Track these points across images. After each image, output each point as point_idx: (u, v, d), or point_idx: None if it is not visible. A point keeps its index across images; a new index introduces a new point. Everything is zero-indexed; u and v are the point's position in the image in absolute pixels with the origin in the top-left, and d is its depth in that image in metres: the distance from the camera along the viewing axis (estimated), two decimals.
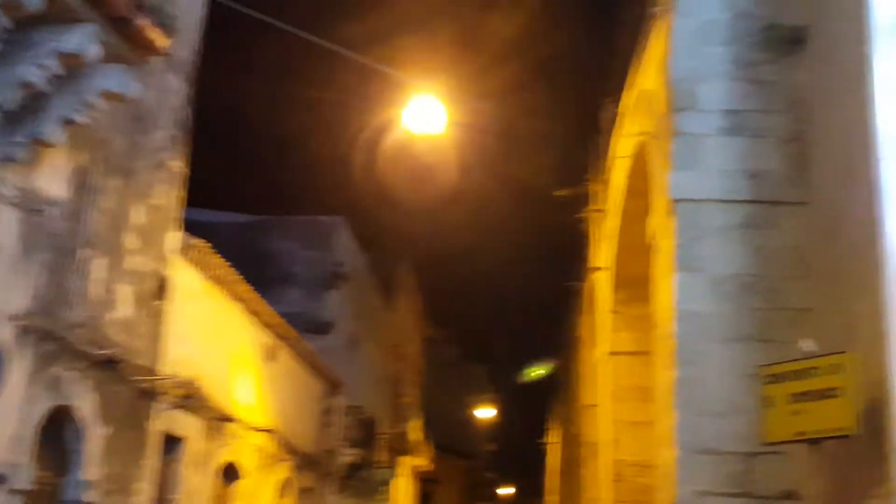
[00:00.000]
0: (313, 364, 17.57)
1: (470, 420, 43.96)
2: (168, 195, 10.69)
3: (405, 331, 29.82)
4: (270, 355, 15.14)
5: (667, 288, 8.84)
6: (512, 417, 45.95)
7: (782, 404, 6.99)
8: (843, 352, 6.66)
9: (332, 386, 18.99)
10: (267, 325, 14.78)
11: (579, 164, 16.41)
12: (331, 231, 20.03)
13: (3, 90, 7.14)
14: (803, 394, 6.84)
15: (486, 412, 44.04)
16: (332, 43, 10.17)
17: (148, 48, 8.03)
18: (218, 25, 11.49)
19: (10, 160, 7.49)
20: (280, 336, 15.46)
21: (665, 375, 8.87)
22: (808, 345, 6.99)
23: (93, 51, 7.45)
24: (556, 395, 33.24)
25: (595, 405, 15.95)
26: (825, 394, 6.67)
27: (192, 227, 11.39)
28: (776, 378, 7.10)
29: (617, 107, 13.19)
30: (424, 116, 10.03)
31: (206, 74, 11.45)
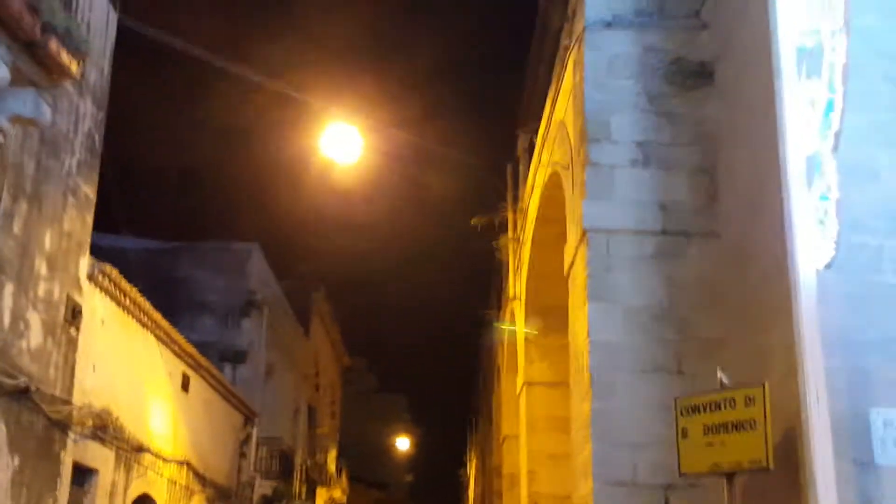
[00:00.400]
0: (228, 394, 17.26)
1: (388, 450, 43.66)
2: (78, 221, 10.44)
3: (322, 360, 29.52)
4: (185, 385, 14.83)
5: (581, 319, 8.90)
6: (430, 448, 45.76)
7: (697, 436, 6.97)
8: (760, 384, 6.66)
9: (248, 416, 18.66)
10: (181, 354, 14.49)
11: (496, 192, 16.65)
12: (244, 258, 19.75)
13: None
14: (719, 425, 6.81)
15: (404, 442, 43.79)
16: (246, 68, 10.16)
17: (59, 72, 7.86)
18: (127, 48, 11.34)
19: None
20: (194, 365, 15.16)
21: (581, 407, 8.89)
22: (722, 376, 6.97)
23: (2, 74, 7.28)
24: (475, 425, 33.29)
25: (515, 436, 16.00)
26: (740, 426, 6.66)
27: (101, 253, 11.13)
28: (692, 410, 7.05)
29: (534, 136, 13.44)
30: (340, 143, 10.09)
31: (116, 98, 11.28)
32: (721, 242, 8.54)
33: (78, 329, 10.38)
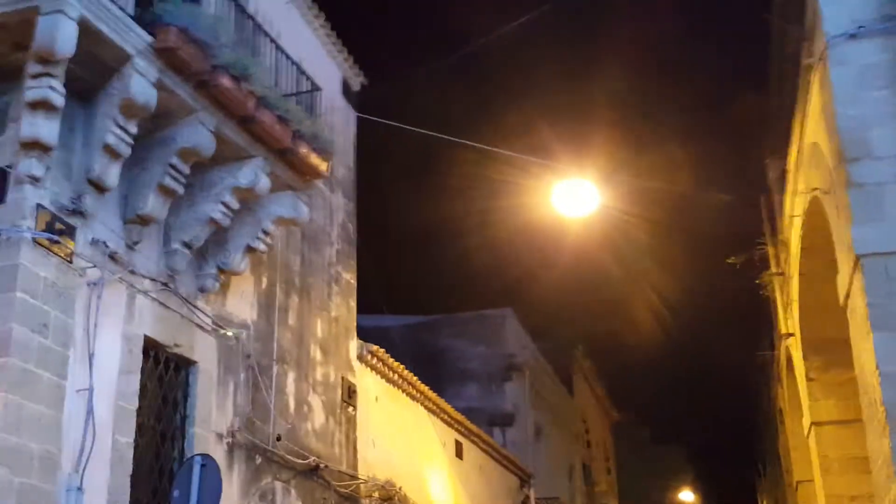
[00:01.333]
0: (501, 457, 17.44)
1: None
2: (343, 306, 11.16)
3: (589, 417, 29.14)
4: (459, 452, 15.19)
5: (867, 350, 8.16)
6: (716, 498, 43.46)
7: None
8: None
9: (523, 478, 18.72)
10: (451, 423, 14.88)
11: (751, 228, 15.75)
12: (500, 323, 20.08)
13: (190, 229, 7.80)
14: None
15: (687, 495, 41.89)
16: (483, 133, 10.44)
17: (310, 173, 8.59)
18: (364, 135, 12.12)
19: (203, 291, 8.15)
20: (465, 432, 15.51)
21: (879, 444, 8.10)
22: None
23: (263, 183, 8.05)
24: (762, 471, 31.26)
25: (810, 480, 14.78)
26: None
27: (366, 334, 11.79)
28: None
29: (784, 164, 12.66)
30: (579, 200, 9.97)
31: (361, 185, 12.04)
32: None
33: (355, 407, 11.01)
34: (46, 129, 6.30)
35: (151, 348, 7.45)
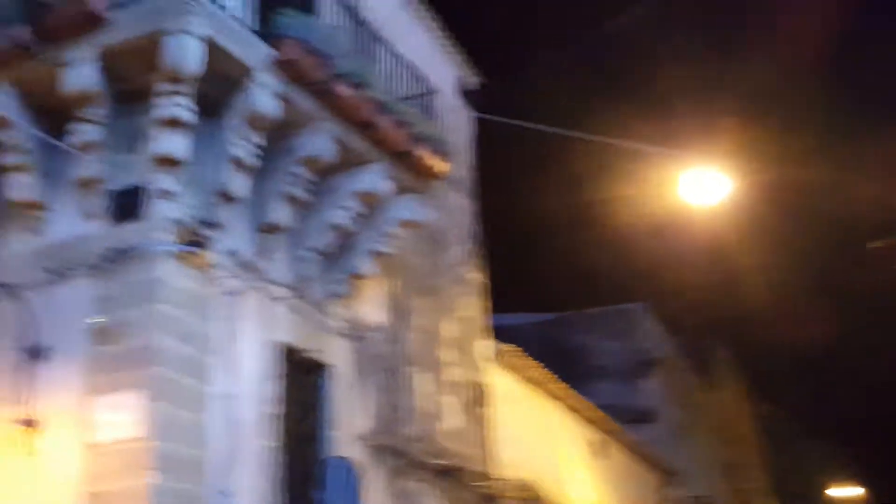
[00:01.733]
0: (643, 455, 17.05)
1: (832, 501, 39.89)
2: (473, 306, 11.16)
3: (734, 412, 28.09)
4: (599, 450, 14.94)
5: None
6: (879, 494, 41.05)
7: None
8: None
9: (667, 476, 18.24)
10: (589, 421, 14.65)
11: (890, 214, 14.76)
12: (634, 319, 19.64)
13: (318, 235, 7.98)
14: None
15: (850, 491, 39.70)
16: (602, 123, 10.23)
17: (430, 175, 8.66)
18: (483, 132, 12.09)
19: (335, 296, 8.31)
20: (604, 430, 15.24)
21: None
22: None
23: (385, 186, 8.17)
24: None
25: None
26: None
27: (498, 333, 11.75)
28: None
29: None
30: (708, 189, 9.60)
31: (483, 183, 12.01)
32: None
33: (489, 407, 10.99)
34: (178, 145, 6.60)
35: (288, 354, 7.66)
